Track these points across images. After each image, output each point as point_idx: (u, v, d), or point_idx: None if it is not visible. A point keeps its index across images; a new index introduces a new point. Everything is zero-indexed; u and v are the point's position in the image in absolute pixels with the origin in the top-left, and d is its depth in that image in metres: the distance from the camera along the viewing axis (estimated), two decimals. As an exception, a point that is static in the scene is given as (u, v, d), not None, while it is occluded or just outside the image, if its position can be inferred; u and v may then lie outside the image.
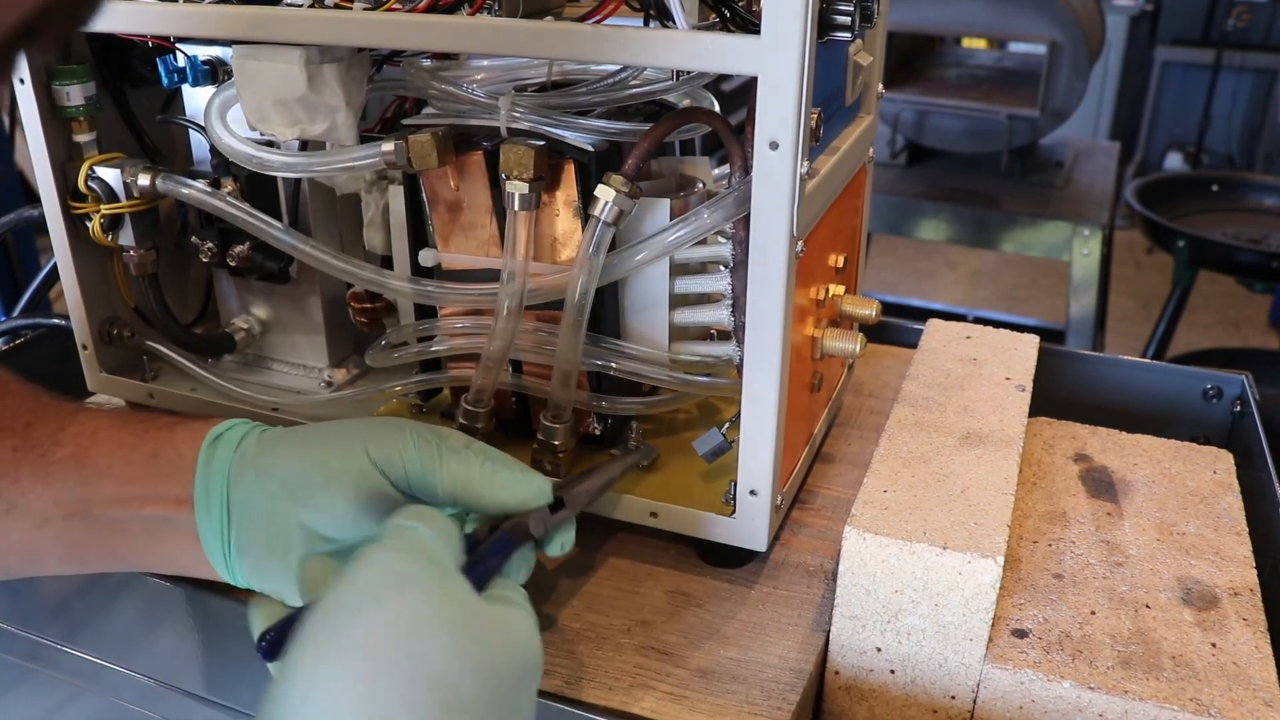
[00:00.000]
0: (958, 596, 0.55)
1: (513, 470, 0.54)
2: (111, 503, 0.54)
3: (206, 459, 0.54)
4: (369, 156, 0.63)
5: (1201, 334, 3.52)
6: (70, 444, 0.55)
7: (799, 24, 0.49)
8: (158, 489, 0.55)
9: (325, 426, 0.55)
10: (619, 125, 0.62)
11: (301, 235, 0.70)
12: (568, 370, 0.63)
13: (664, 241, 0.60)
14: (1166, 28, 4.38)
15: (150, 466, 0.55)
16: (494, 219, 0.65)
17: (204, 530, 0.54)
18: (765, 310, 0.57)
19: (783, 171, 0.53)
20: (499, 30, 0.57)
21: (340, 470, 0.52)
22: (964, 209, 2.18)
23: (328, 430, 0.55)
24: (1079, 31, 2.08)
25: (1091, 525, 0.66)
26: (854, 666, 0.59)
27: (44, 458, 0.54)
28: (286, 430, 0.56)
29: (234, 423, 0.57)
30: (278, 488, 0.53)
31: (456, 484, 0.52)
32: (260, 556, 0.53)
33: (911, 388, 0.73)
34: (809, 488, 0.74)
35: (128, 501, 0.55)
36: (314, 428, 0.56)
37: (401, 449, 0.53)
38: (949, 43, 2.82)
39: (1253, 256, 2.10)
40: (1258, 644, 0.56)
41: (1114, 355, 0.91)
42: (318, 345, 0.79)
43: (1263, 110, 4.31)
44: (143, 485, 0.55)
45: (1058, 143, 2.49)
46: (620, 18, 0.60)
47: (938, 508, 0.58)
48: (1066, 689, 0.54)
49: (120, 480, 0.55)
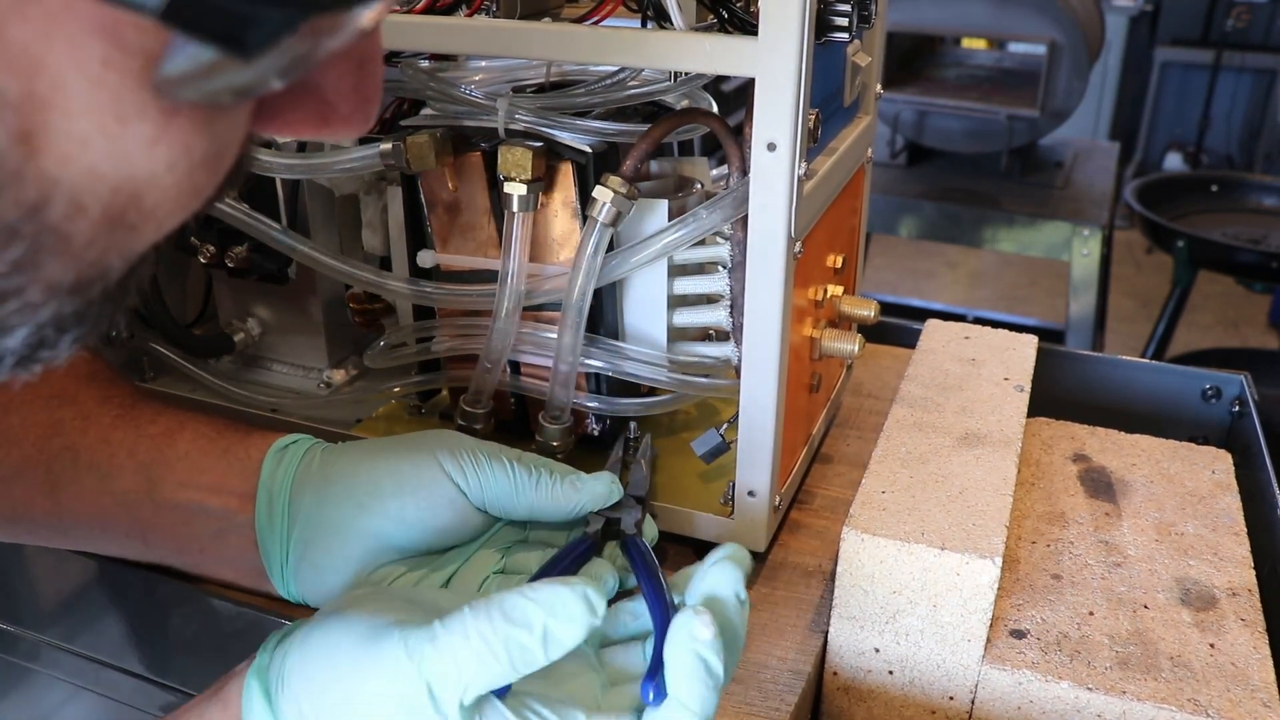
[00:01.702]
0: (956, 597, 0.55)
1: (577, 473, 0.55)
2: (181, 487, 0.56)
3: (272, 466, 0.56)
4: (367, 158, 0.63)
5: (1201, 334, 3.52)
6: (162, 424, 0.59)
7: (796, 25, 0.50)
8: (225, 482, 0.56)
9: (392, 438, 0.56)
10: (617, 126, 0.62)
11: (300, 236, 0.70)
12: (566, 371, 0.63)
13: (662, 242, 0.60)
14: (1166, 28, 4.39)
15: (222, 460, 0.57)
16: (492, 220, 0.65)
17: (263, 538, 0.55)
18: (763, 311, 0.57)
19: (781, 172, 0.53)
20: (497, 31, 0.57)
21: (413, 477, 0.53)
22: (964, 209, 2.18)
23: (396, 441, 0.56)
24: (1079, 31, 2.08)
25: (1090, 525, 0.66)
26: (852, 667, 0.59)
27: (138, 430, 0.58)
28: (352, 443, 0.57)
29: (301, 436, 0.58)
30: (343, 496, 0.53)
31: (531, 492, 0.53)
32: (321, 567, 0.53)
33: (910, 388, 0.73)
34: (807, 488, 0.74)
35: (195, 489, 0.56)
36: (380, 440, 0.57)
37: (474, 460, 0.53)
38: (949, 43, 2.82)
39: (1252, 256, 2.10)
40: (1256, 644, 0.57)
41: (1113, 355, 0.91)
42: (317, 346, 0.79)
43: (1262, 110, 4.31)
44: (212, 476, 0.56)
45: (1058, 143, 2.49)
46: (618, 19, 0.60)
47: (936, 508, 0.59)
48: (1065, 689, 0.54)
49: (193, 468, 0.57)
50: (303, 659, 0.41)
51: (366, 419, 0.74)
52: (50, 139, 0.22)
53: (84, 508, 0.57)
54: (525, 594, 0.40)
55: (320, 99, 0.28)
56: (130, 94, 0.23)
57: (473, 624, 0.39)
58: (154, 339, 0.78)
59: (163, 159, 0.24)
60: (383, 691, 0.39)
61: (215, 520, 0.56)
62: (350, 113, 0.28)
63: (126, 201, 0.24)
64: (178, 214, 0.26)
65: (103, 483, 0.57)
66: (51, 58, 0.21)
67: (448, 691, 0.38)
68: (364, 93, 0.28)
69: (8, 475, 0.57)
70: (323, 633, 0.42)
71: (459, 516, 0.53)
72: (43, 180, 0.23)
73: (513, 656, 0.39)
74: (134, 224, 0.25)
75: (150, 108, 0.23)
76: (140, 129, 0.23)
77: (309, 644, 0.42)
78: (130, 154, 0.23)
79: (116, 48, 0.22)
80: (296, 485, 0.55)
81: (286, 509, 0.54)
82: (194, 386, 0.78)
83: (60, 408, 0.59)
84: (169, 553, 0.59)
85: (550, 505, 0.53)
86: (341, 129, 0.28)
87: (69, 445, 0.58)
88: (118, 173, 0.24)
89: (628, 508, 0.55)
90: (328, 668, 0.41)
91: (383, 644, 0.40)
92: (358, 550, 0.53)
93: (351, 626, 0.41)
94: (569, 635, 0.39)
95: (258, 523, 0.55)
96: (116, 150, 0.23)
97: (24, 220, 0.23)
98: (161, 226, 0.26)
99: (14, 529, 0.59)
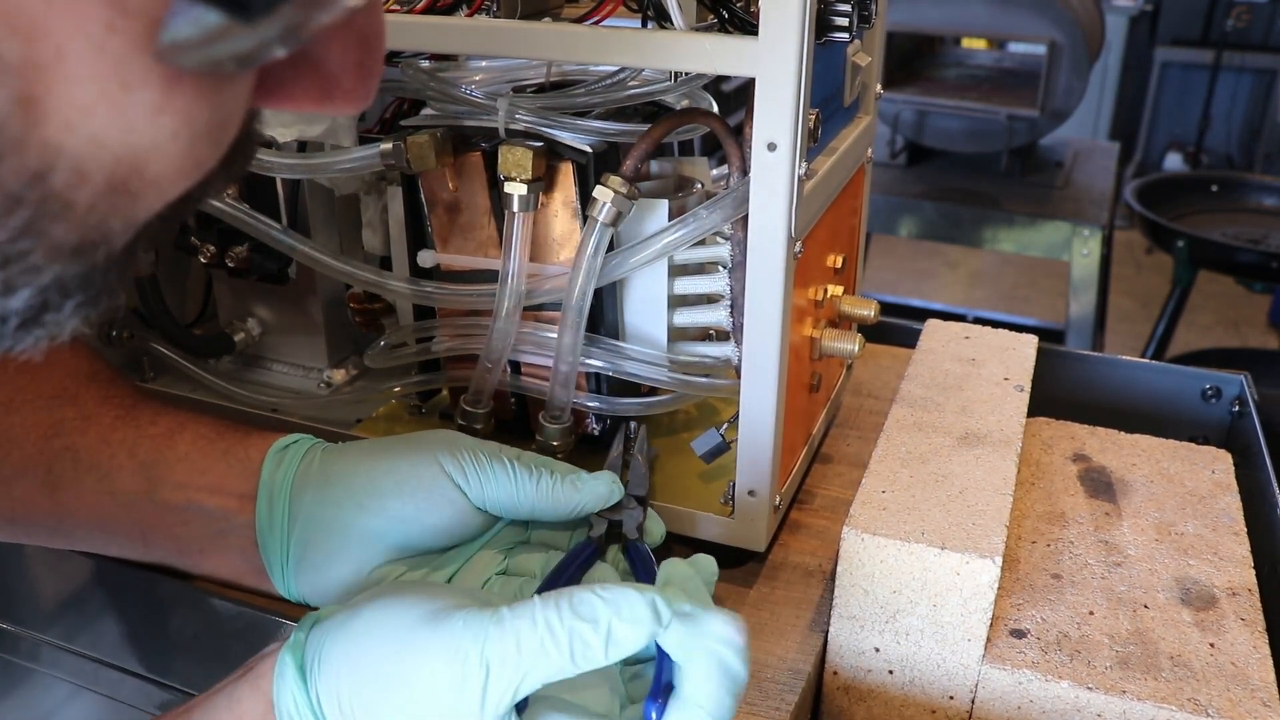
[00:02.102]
0: (956, 597, 0.55)
1: (578, 473, 0.55)
2: (180, 488, 0.56)
3: (272, 467, 0.56)
4: (367, 158, 0.63)
5: (1201, 334, 3.52)
6: (163, 424, 0.59)
7: (796, 25, 0.50)
8: (225, 484, 0.56)
9: (392, 438, 0.56)
10: (617, 126, 0.62)
11: (300, 236, 0.70)
12: (566, 371, 0.63)
13: (662, 242, 0.60)
14: (1166, 28, 4.39)
15: (222, 461, 0.57)
16: (492, 220, 0.65)
17: (264, 538, 0.55)
18: (763, 311, 0.57)
19: (781, 172, 0.53)
20: (497, 31, 0.57)
21: (412, 477, 0.53)
22: (964, 209, 2.18)
23: (396, 440, 0.56)
24: (1079, 31, 2.08)
25: (1090, 525, 0.66)
26: (852, 667, 0.59)
27: (138, 430, 0.58)
28: (352, 443, 0.57)
29: (301, 436, 0.58)
30: (343, 496, 0.53)
31: (532, 491, 0.53)
32: (321, 567, 0.54)
33: (910, 388, 0.73)
34: (807, 488, 0.74)
35: (195, 491, 0.56)
36: (380, 440, 0.57)
37: (474, 459, 0.53)
38: (949, 43, 2.82)
39: (1252, 256, 2.10)
40: (1256, 644, 0.57)
41: (1113, 355, 0.91)
42: (317, 346, 0.79)
43: (1262, 110, 4.31)
44: (211, 477, 0.57)
45: (1057, 143, 2.49)
46: (618, 19, 0.60)
47: (936, 508, 0.59)
48: (1064, 689, 0.54)
49: (193, 469, 0.57)
50: (348, 640, 0.41)
51: (366, 419, 0.74)
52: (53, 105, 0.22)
53: (84, 508, 0.57)
54: (596, 591, 0.40)
55: (323, 73, 0.27)
56: (134, 60, 0.22)
57: (540, 612, 0.39)
58: (154, 339, 0.78)
59: (166, 127, 0.24)
60: (438, 671, 0.39)
61: (215, 521, 0.56)
62: (352, 87, 0.28)
63: (129, 170, 0.24)
64: (180, 183, 0.26)
65: (103, 483, 0.57)
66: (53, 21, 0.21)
67: (505, 675, 0.38)
68: (367, 68, 0.28)
69: (9, 475, 0.57)
70: (371, 614, 0.42)
71: (458, 516, 0.53)
72: (46, 148, 0.22)
73: (575, 650, 0.39)
74: (137, 191, 0.25)
75: (154, 74, 0.23)
76: (144, 96, 0.23)
77: (352, 627, 0.41)
78: (134, 122, 0.23)
79: (119, 12, 0.22)
80: (296, 486, 0.55)
81: (287, 509, 0.54)
82: (194, 386, 0.78)
83: (61, 407, 0.59)
84: (169, 553, 0.59)
85: (551, 505, 0.53)
86: (343, 103, 0.28)
87: (69, 445, 0.58)
88: (121, 141, 0.23)
89: (629, 509, 0.55)
90: (377, 648, 0.40)
91: (445, 624, 0.39)
92: (358, 550, 0.53)
93: (408, 609, 0.41)
94: (632, 638, 0.39)
95: (258, 523, 0.55)
96: (120, 118, 0.23)
97: (27, 187, 0.23)
98: (164, 195, 0.26)
99: (14, 529, 0.59)
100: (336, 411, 0.75)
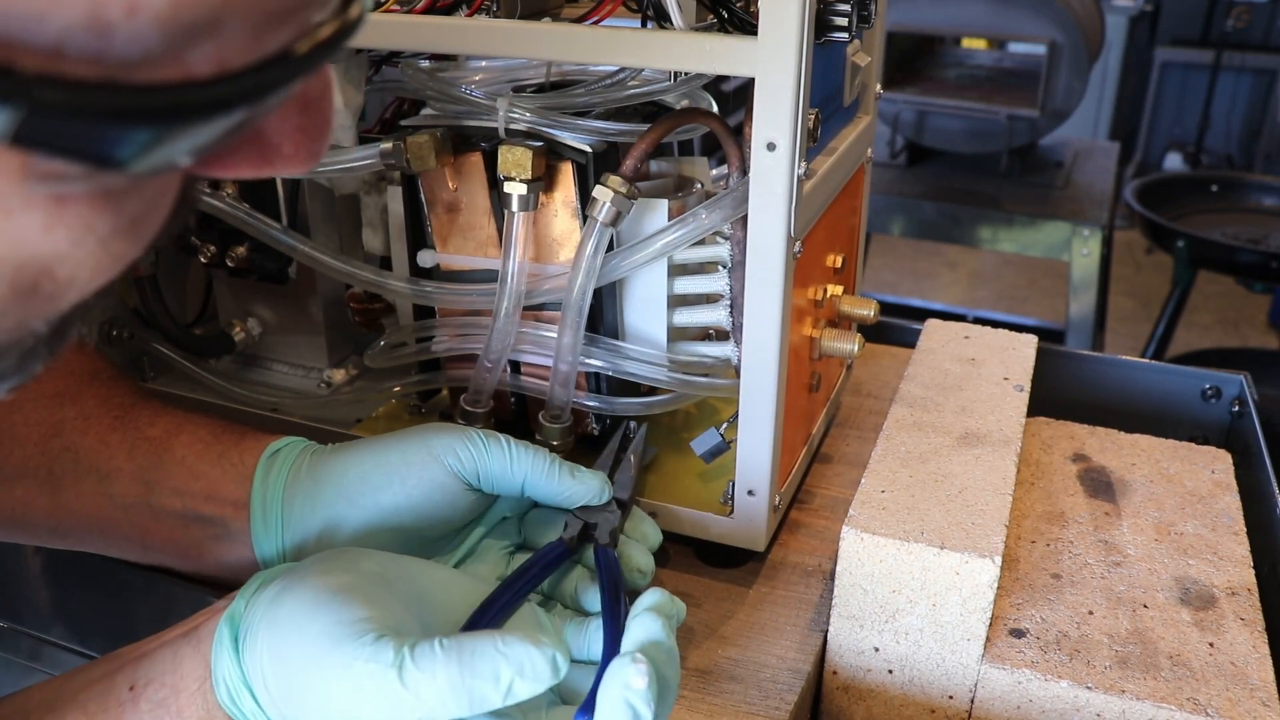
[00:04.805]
0: (955, 596, 0.55)
1: (575, 466, 0.55)
2: (176, 494, 0.57)
3: (264, 472, 0.56)
4: (367, 157, 0.64)
5: (1201, 334, 3.52)
6: (161, 427, 0.59)
7: (796, 25, 0.50)
8: (219, 490, 0.56)
9: (383, 435, 0.57)
10: (617, 126, 0.62)
11: (300, 236, 0.70)
12: (566, 371, 0.63)
13: (662, 242, 0.60)
14: (1166, 28, 4.38)
15: (217, 466, 0.57)
16: (492, 220, 0.65)
17: (259, 543, 0.55)
18: (763, 311, 0.57)
19: (780, 172, 0.53)
20: (497, 31, 0.57)
21: (401, 466, 0.53)
22: (964, 209, 2.18)
23: (386, 436, 0.56)
24: (1079, 31, 2.08)
25: (1089, 525, 0.66)
26: (852, 666, 0.59)
27: (137, 432, 0.58)
28: (339, 444, 0.57)
29: (291, 440, 0.58)
30: (335, 496, 0.54)
31: (527, 464, 0.54)
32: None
33: (910, 388, 0.73)
34: (807, 488, 0.74)
35: (190, 497, 0.57)
36: (371, 437, 0.57)
37: (469, 440, 0.54)
38: (949, 43, 2.82)
39: (1252, 256, 2.10)
40: (1255, 644, 0.57)
41: (1113, 355, 0.91)
42: (317, 346, 0.79)
43: (1262, 110, 4.31)
44: (206, 483, 0.57)
45: (1057, 143, 2.49)
46: (618, 19, 0.60)
47: (935, 508, 0.59)
48: (1064, 688, 0.54)
49: (189, 474, 0.57)
50: (270, 626, 0.43)
51: (366, 419, 0.75)
52: None
53: (84, 509, 0.58)
54: (498, 646, 0.41)
55: (262, 140, 0.27)
56: (11, 188, 0.22)
57: (443, 669, 0.40)
58: (154, 339, 0.78)
59: (63, 239, 0.23)
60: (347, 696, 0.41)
61: (212, 527, 0.57)
62: (294, 151, 0.27)
63: (36, 275, 0.24)
64: (99, 278, 0.25)
65: (102, 485, 0.57)
66: None
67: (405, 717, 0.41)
68: (310, 131, 0.27)
69: (10, 474, 0.57)
70: (293, 605, 0.43)
71: (448, 499, 0.53)
72: None
73: (474, 702, 0.41)
74: (52, 293, 0.24)
75: (37, 199, 0.23)
76: (28, 218, 0.23)
77: (276, 614, 0.43)
78: (25, 238, 0.23)
79: None
80: (288, 491, 0.55)
81: (280, 515, 0.55)
82: (194, 386, 0.78)
83: (62, 407, 0.59)
84: (168, 556, 0.59)
85: (545, 482, 0.54)
86: (285, 168, 0.27)
87: (69, 446, 0.58)
88: (16, 254, 0.23)
89: (607, 511, 0.55)
90: (293, 647, 0.42)
91: (349, 648, 0.41)
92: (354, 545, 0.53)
93: (326, 612, 0.42)
94: (529, 692, 0.41)
95: (253, 529, 0.55)
96: (8, 236, 0.23)
97: None
98: (86, 288, 0.25)
99: (14, 529, 0.59)
100: (336, 411, 0.75)
